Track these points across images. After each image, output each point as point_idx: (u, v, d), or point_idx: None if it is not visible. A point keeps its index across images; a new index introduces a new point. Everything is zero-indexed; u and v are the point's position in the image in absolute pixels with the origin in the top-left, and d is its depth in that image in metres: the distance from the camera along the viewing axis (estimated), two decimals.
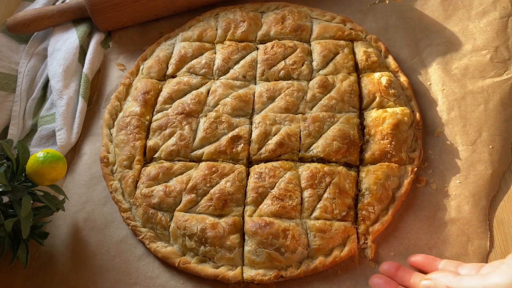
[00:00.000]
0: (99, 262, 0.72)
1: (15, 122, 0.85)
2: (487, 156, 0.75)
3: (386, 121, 0.75)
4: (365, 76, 0.81)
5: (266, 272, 0.66)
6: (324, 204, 0.69)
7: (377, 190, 0.71)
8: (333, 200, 0.69)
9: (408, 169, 0.73)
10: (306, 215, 0.69)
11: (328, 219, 0.69)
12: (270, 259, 0.66)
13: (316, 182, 0.71)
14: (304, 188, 0.71)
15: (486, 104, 0.79)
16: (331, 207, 0.69)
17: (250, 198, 0.71)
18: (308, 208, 0.70)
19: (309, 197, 0.70)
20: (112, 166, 0.79)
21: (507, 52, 0.83)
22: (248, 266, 0.67)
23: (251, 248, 0.67)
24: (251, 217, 0.70)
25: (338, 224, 0.68)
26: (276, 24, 0.87)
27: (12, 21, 0.90)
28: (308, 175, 0.71)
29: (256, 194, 0.71)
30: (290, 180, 0.71)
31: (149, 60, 0.88)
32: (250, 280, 0.66)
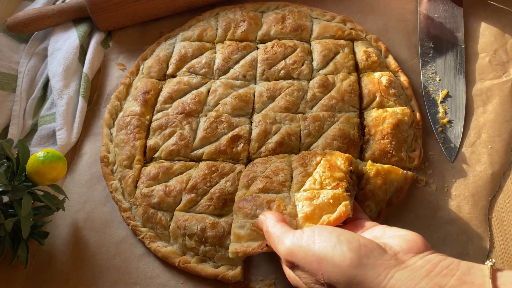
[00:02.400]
0: (99, 262, 0.72)
1: (15, 122, 0.85)
2: (487, 156, 0.75)
3: (386, 121, 0.75)
4: (365, 75, 0.81)
5: (250, 244, 0.62)
6: (314, 177, 0.66)
7: (379, 194, 0.70)
8: (323, 173, 0.66)
9: (408, 176, 0.72)
10: (294, 190, 0.66)
11: (316, 189, 0.64)
12: (255, 229, 0.63)
13: (307, 162, 0.68)
14: (294, 168, 0.69)
15: (485, 106, 0.79)
16: (320, 179, 0.65)
17: (241, 184, 0.70)
18: (297, 183, 0.66)
19: (299, 174, 0.67)
20: (112, 166, 0.79)
21: (506, 55, 0.83)
22: (235, 242, 0.64)
23: (237, 223, 0.64)
24: (240, 198, 0.68)
25: (327, 192, 0.63)
26: (276, 23, 0.88)
27: (12, 21, 0.90)
28: (299, 157, 0.70)
29: (247, 179, 0.70)
30: (280, 162, 0.70)
31: (149, 60, 0.88)
32: (235, 252, 0.62)
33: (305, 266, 0.50)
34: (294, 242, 0.51)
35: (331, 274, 0.46)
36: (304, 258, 0.49)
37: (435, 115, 0.80)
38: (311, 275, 0.50)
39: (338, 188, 0.64)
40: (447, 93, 0.81)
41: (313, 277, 0.50)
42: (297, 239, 0.52)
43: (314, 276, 0.49)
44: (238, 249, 0.62)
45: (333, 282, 0.47)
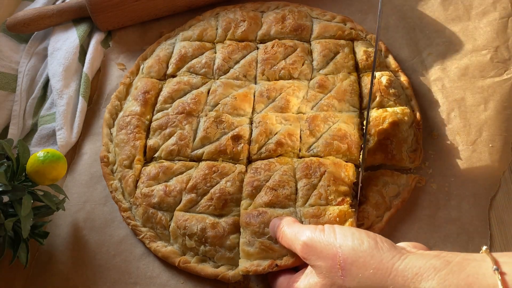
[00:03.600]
0: (99, 262, 0.72)
1: (15, 122, 0.85)
2: (488, 155, 0.75)
3: (386, 121, 0.75)
4: (365, 75, 0.81)
5: (260, 263, 0.65)
6: (319, 191, 0.68)
7: (373, 196, 0.71)
8: (328, 187, 0.68)
9: (410, 178, 0.72)
10: (300, 204, 0.68)
11: (322, 205, 0.67)
12: (264, 248, 0.65)
13: (311, 172, 0.70)
14: (298, 179, 0.70)
15: (486, 104, 0.79)
16: (326, 194, 0.68)
17: (245, 192, 0.70)
18: (302, 196, 0.69)
19: (303, 186, 0.69)
20: (112, 166, 0.79)
21: (507, 52, 0.83)
22: (244, 258, 0.66)
23: (245, 240, 0.66)
24: (246, 210, 0.69)
25: (333, 208, 0.67)
26: (276, 23, 0.88)
27: (12, 21, 0.90)
28: (303, 166, 0.71)
29: (251, 187, 0.70)
30: (285, 172, 0.71)
31: (149, 60, 0.88)
32: (245, 271, 0.65)
33: (323, 259, 0.52)
34: (314, 235, 0.54)
35: (348, 258, 0.49)
36: (324, 249, 0.52)
37: None
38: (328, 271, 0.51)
39: (344, 204, 0.67)
40: None
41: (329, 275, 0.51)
42: (316, 232, 0.54)
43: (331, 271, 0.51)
44: (249, 268, 0.64)
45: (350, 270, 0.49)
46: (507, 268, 0.43)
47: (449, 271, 0.44)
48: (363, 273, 0.48)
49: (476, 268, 0.43)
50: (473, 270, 0.43)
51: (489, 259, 0.44)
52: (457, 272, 0.43)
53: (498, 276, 0.42)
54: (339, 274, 0.50)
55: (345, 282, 0.49)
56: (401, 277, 0.46)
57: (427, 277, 0.44)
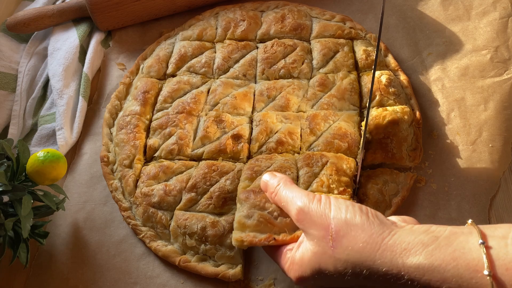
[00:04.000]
0: (99, 262, 0.72)
1: (15, 122, 0.85)
2: (488, 155, 0.75)
3: (386, 120, 0.75)
4: (365, 74, 0.81)
5: (257, 235, 0.61)
6: (321, 179, 0.67)
7: (373, 194, 0.71)
8: (330, 176, 0.68)
9: (408, 176, 0.73)
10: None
11: (324, 192, 0.66)
12: (263, 221, 0.61)
13: (313, 162, 0.69)
14: (300, 167, 0.69)
15: (486, 104, 0.79)
16: (328, 182, 0.67)
17: (245, 175, 0.69)
18: (303, 183, 0.67)
19: (305, 174, 0.68)
20: (112, 165, 0.79)
21: (507, 52, 0.83)
22: (238, 230, 0.63)
23: (243, 213, 0.63)
24: (244, 189, 0.67)
25: (335, 196, 0.62)
26: (276, 23, 0.88)
27: (12, 21, 0.90)
28: (304, 157, 0.71)
29: (251, 171, 0.69)
30: (286, 160, 0.70)
31: (149, 59, 0.88)
32: (239, 241, 0.61)
33: (316, 228, 0.53)
34: (310, 203, 0.55)
35: (339, 230, 0.50)
36: (318, 219, 0.53)
37: None
38: (319, 240, 0.52)
39: (345, 194, 0.66)
40: None
41: (320, 244, 0.52)
42: (313, 201, 0.55)
43: (322, 240, 0.52)
44: (244, 237, 0.61)
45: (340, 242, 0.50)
46: (493, 242, 0.44)
47: (436, 246, 0.45)
48: (353, 246, 0.49)
49: (463, 243, 0.44)
50: (460, 244, 0.44)
51: (476, 232, 0.45)
52: (444, 247, 0.44)
53: (483, 249, 0.43)
54: (330, 244, 0.51)
55: (335, 253, 0.51)
56: (389, 252, 0.47)
57: (415, 252, 0.45)
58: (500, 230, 0.45)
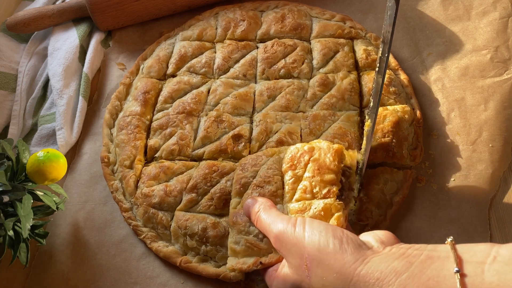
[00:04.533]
0: (99, 262, 0.72)
1: (15, 122, 0.85)
2: (488, 155, 0.75)
3: (387, 119, 0.75)
4: (365, 74, 0.81)
5: (246, 260, 0.64)
6: (304, 184, 0.64)
7: (375, 195, 0.71)
8: (313, 178, 0.64)
9: (407, 173, 0.73)
10: (287, 199, 0.65)
11: (308, 199, 0.63)
12: (250, 246, 0.64)
13: (295, 163, 0.66)
14: (284, 171, 0.67)
15: (486, 104, 0.79)
16: (311, 187, 0.63)
17: (234, 191, 0.69)
18: (288, 191, 0.65)
19: (288, 180, 0.66)
20: (112, 166, 0.78)
21: (507, 52, 0.83)
22: (232, 256, 0.66)
23: (232, 238, 0.66)
24: (234, 209, 0.68)
25: (317, 203, 0.62)
26: (276, 23, 0.88)
27: (12, 21, 0.90)
28: (288, 157, 0.68)
29: (239, 185, 0.69)
30: (270, 166, 0.68)
31: (149, 60, 0.88)
32: (231, 269, 0.65)
33: (292, 256, 0.53)
34: (285, 230, 0.54)
35: (313, 260, 0.50)
36: (293, 246, 0.53)
37: None
38: (296, 268, 0.52)
39: (330, 195, 0.62)
40: None
41: (297, 273, 0.52)
42: (288, 227, 0.54)
43: (299, 269, 0.52)
44: (234, 266, 0.65)
45: (315, 271, 0.50)
46: (469, 268, 0.42)
47: (409, 275, 0.43)
48: (327, 276, 0.48)
49: (438, 270, 0.43)
50: (434, 272, 0.43)
51: (452, 257, 0.43)
52: (418, 275, 0.43)
53: (458, 277, 0.41)
54: (306, 274, 0.51)
55: (311, 282, 0.50)
56: (362, 283, 0.46)
57: (387, 282, 0.44)
58: (479, 253, 0.43)
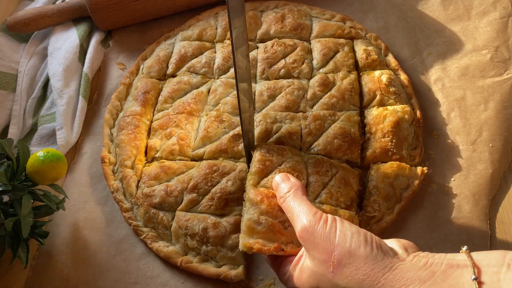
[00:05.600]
0: (99, 261, 0.72)
1: (15, 121, 0.85)
2: (488, 155, 0.75)
3: (387, 119, 0.75)
4: (365, 74, 0.81)
5: (266, 243, 0.61)
6: (330, 190, 0.67)
7: (384, 188, 0.71)
8: (339, 188, 0.68)
9: (418, 171, 0.73)
10: (311, 198, 0.66)
11: (333, 205, 0.67)
12: (273, 230, 0.60)
13: (323, 170, 0.69)
14: (310, 174, 0.69)
15: (486, 104, 0.79)
16: (337, 195, 0.67)
17: (255, 169, 0.67)
18: (313, 192, 0.67)
19: (315, 182, 0.68)
20: (113, 166, 0.78)
21: (507, 52, 0.83)
22: (246, 235, 0.61)
23: (253, 216, 0.62)
24: (255, 186, 0.65)
25: (343, 211, 0.66)
26: (275, 23, 0.87)
27: (12, 20, 0.90)
28: (314, 162, 0.70)
29: (262, 166, 0.67)
30: (298, 162, 0.69)
31: (149, 60, 0.88)
32: (249, 247, 0.60)
33: (318, 250, 0.53)
34: (316, 225, 0.54)
35: (342, 259, 0.51)
36: (322, 242, 0.53)
37: None
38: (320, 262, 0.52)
39: (352, 209, 0.68)
40: None
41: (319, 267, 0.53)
42: (319, 223, 0.54)
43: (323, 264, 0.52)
44: (253, 244, 0.60)
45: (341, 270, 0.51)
46: (486, 277, 0.45)
47: (432, 283, 0.46)
48: (353, 276, 0.50)
49: (457, 278, 0.46)
50: (454, 280, 0.46)
51: (470, 265, 0.46)
52: (440, 283, 0.46)
53: (476, 286, 0.44)
54: (330, 270, 0.51)
55: (334, 279, 0.51)
56: (388, 287, 0.48)
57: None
58: (494, 261, 0.46)
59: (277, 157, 0.69)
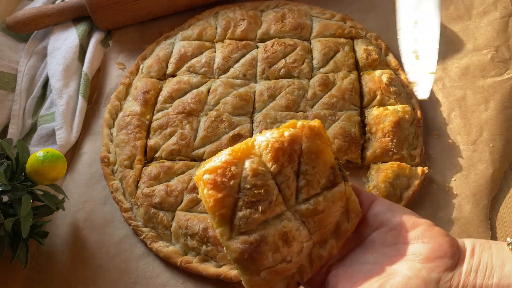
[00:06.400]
0: (99, 262, 0.72)
1: (15, 121, 0.84)
2: (488, 155, 0.75)
3: (387, 119, 0.75)
4: (365, 74, 0.81)
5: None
6: (306, 179, 0.51)
7: (385, 188, 0.70)
8: (314, 168, 0.51)
9: (419, 171, 0.73)
10: (292, 203, 0.51)
11: (318, 194, 0.51)
12: (276, 274, 0.49)
13: (285, 159, 0.51)
14: (275, 174, 0.50)
15: (487, 104, 0.79)
16: (316, 178, 0.51)
17: (217, 218, 0.49)
18: (291, 194, 0.51)
19: (285, 181, 0.51)
20: (112, 166, 0.78)
21: (508, 52, 0.83)
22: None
23: (248, 277, 0.49)
24: (229, 241, 0.49)
25: (331, 194, 0.52)
26: (276, 22, 0.87)
27: (12, 20, 0.90)
28: (272, 156, 0.50)
29: (223, 209, 0.49)
30: (255, 171, 0.50)
31: (148, 60, 0.88)
32: None
33: None
34: None
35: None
36: None
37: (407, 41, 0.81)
38: None
39: (337, 180, 0.53)
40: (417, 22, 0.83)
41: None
42: None
43: None
44: None
45: None
46: None
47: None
48: None
49: None
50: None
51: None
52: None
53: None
54: None
55: None
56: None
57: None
58: None
59: (229, 185, 0.50)
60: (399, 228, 0.51)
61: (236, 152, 0.51)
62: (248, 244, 0.48)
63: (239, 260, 0.49)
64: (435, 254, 0.48)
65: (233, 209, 0.49)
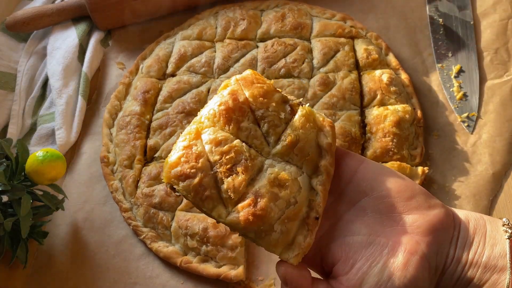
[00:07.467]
0: (98, 262, 0.72)
1: (15, 121, 0.84)
2: (488, 156, 0.75)
3: (388, 119, 0.75)
4: (366, 73, 0.81)
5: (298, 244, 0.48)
6: (267, 121, 0.49)
7: None
8: (268, 109, 0.49)
9: (419, 171, 0.73)
10: (267, 150, 0.49)
11: (285, 129, 0.49)
12: (290, 220, 0.47)
13: (237, 114, 0.49)
14: (234, 133, 0.49)
15: (486, 106, 0.79)
16: (276, 116, 0.49)
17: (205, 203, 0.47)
18: (261, 143, 0.49)
19: (249, 134, 0.49)
20: (112, 166, 0.78)
21: (507, 54, 0.83)
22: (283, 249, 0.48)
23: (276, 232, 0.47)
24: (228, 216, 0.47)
25: (296, 121, 0.49)
26: (276, 22, 0.87)
27: (12, 20, 0.90)
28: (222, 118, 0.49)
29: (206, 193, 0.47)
30: (216, 140, 0.49)
31: (148, 59, 0.88)
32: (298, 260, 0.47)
33: None
34: None
35: None
36: None
37: (449, 89, 0.81)
38: None
39: (297, 105, 0.51)
40: (460, 68, 0.83)
41: None
42: None
43: None
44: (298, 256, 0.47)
45: None
46: None
47: None
48: None
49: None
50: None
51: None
52: None
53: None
54: None
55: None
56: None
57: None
58: None
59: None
60: (393, 196, 0.47)
61: (190, 134, 0.50)
62: (246, 207, 0.47)
63: (247, 227, 0.47)
64: (433, 227, 0.46)
65: (215, 186, 0.48)
